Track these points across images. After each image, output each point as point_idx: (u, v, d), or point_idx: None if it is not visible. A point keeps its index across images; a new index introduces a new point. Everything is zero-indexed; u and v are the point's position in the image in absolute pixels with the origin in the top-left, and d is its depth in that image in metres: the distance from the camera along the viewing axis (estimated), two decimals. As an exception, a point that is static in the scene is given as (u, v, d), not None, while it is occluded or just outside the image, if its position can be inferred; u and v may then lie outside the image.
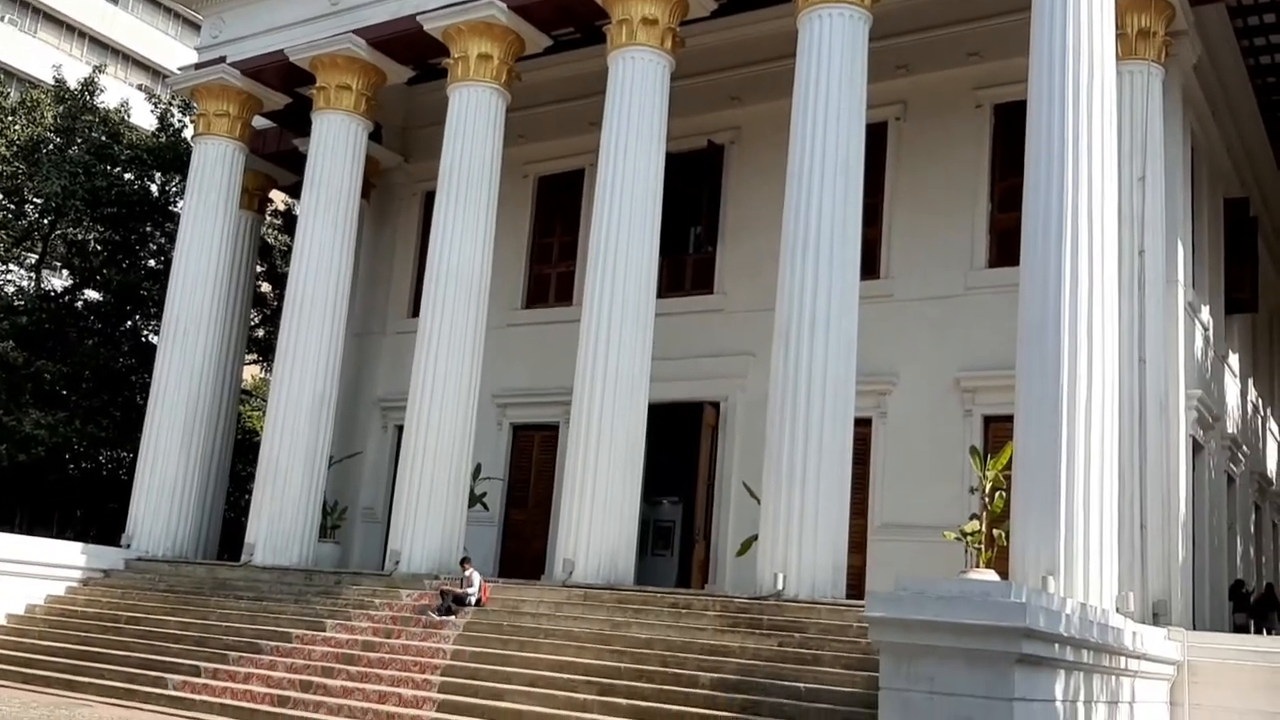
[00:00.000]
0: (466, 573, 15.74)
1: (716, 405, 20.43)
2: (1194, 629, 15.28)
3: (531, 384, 22.19)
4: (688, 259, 21.82)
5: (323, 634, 15.75)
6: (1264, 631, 18.78)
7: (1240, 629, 18.37)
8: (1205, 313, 19.36)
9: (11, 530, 22.95)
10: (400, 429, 21.03)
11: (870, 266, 18.09)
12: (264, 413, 23.34)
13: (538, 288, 23.64)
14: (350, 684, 14.12)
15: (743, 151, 21.21)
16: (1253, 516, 23.96)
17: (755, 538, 15.53)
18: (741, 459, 19.37)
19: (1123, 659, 12.16)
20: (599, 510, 16.26)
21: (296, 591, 17.91)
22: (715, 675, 12.54)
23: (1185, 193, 17.96)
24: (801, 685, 11.90)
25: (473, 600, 15.52)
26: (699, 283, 21.51)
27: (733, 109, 21.18)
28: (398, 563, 17.82)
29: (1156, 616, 14.62)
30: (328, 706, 13.66)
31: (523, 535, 22.33)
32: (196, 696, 14.52)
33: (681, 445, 20.40)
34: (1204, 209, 19.96)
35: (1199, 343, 18.49)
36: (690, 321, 20.38)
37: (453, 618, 15.19)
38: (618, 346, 16.75)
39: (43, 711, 13.41)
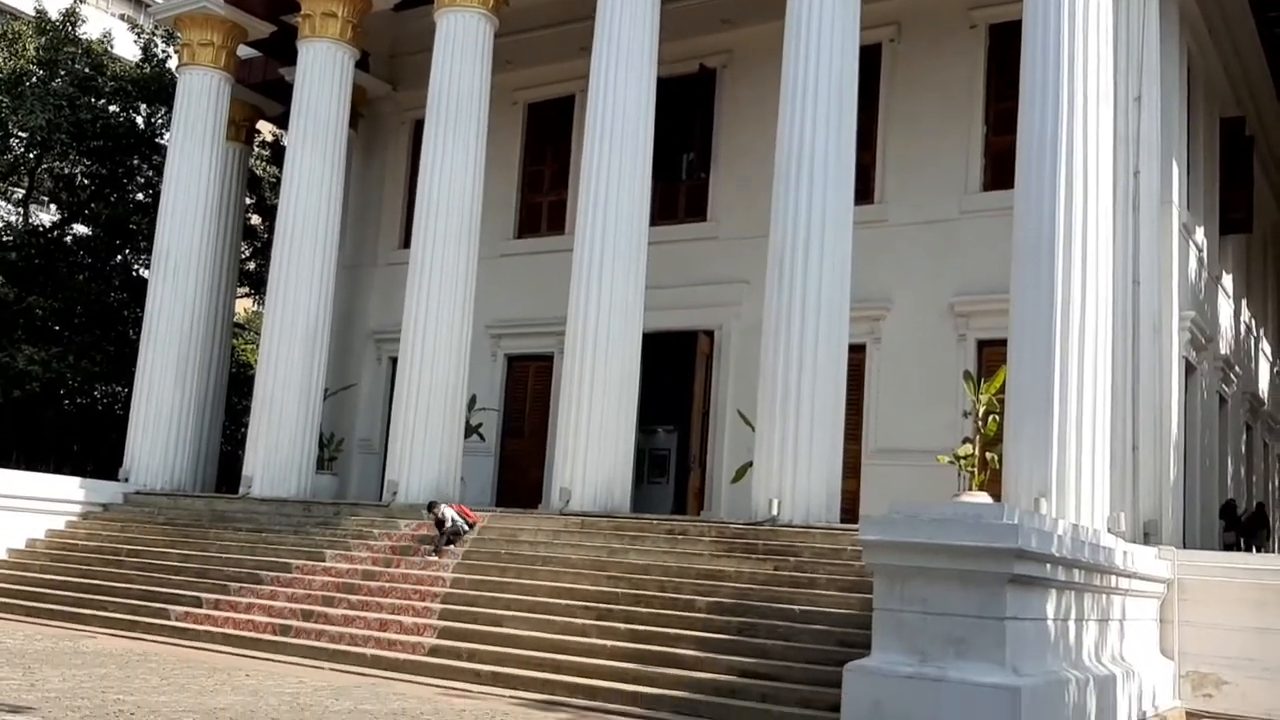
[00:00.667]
0: (439, 513, 15.63)
1: (711, 333, 20.41)
2: (1184, 548, 15.46)
3: (525, 314, 22.15)
4: (680, 186, 21.57)
5: (323, 564, 15.93)
6: (1254, 550, 19.02)
7: (1230, 547, 18.59)
8: (1200, 233, 19.31)
9: (8, 466, 22.98)
10: (394, 361, 20.82)
11: (864, 191, 18.02)
12: (258, 346, 23.35)
13: (530, 217, 23.49)
14: (351, 612, 14.31)
15: (735, 75, 20.98)
16: (1244, 436, 24.11)
17: (750, 464, 15.60)
18: (736, 387, 19.44)
19: (1113, 578, 12.30)
20: (595, 439, 16.30)
21: (295, 523, 18.04)
22: (711, 599, 12.72)
23: (1181, 113, 17.80)
24: (796, 608, 12.10)
25: (463, 527, 15.62)
26: (692, 210, 21.37)
27: (725, 32, 20.88)
28: (395, 493, 17.93)
29: (1147, 536, 14.79)
30: (329, 635, 13.83)
31: (519, 465, 22.45)
32: (199, 627, 14.69)
33: (676, 374, 20.40)
34: (1200, 129, 19.85)
35: (1193, 264, 18.46)
36: (684, 249, 20.28)
37: (451, 546, 15.34)
38: (611, 275, 16.66)
39: (47, 644, 13.56)
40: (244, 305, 35.81)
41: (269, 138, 32.57)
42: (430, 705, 10.75)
